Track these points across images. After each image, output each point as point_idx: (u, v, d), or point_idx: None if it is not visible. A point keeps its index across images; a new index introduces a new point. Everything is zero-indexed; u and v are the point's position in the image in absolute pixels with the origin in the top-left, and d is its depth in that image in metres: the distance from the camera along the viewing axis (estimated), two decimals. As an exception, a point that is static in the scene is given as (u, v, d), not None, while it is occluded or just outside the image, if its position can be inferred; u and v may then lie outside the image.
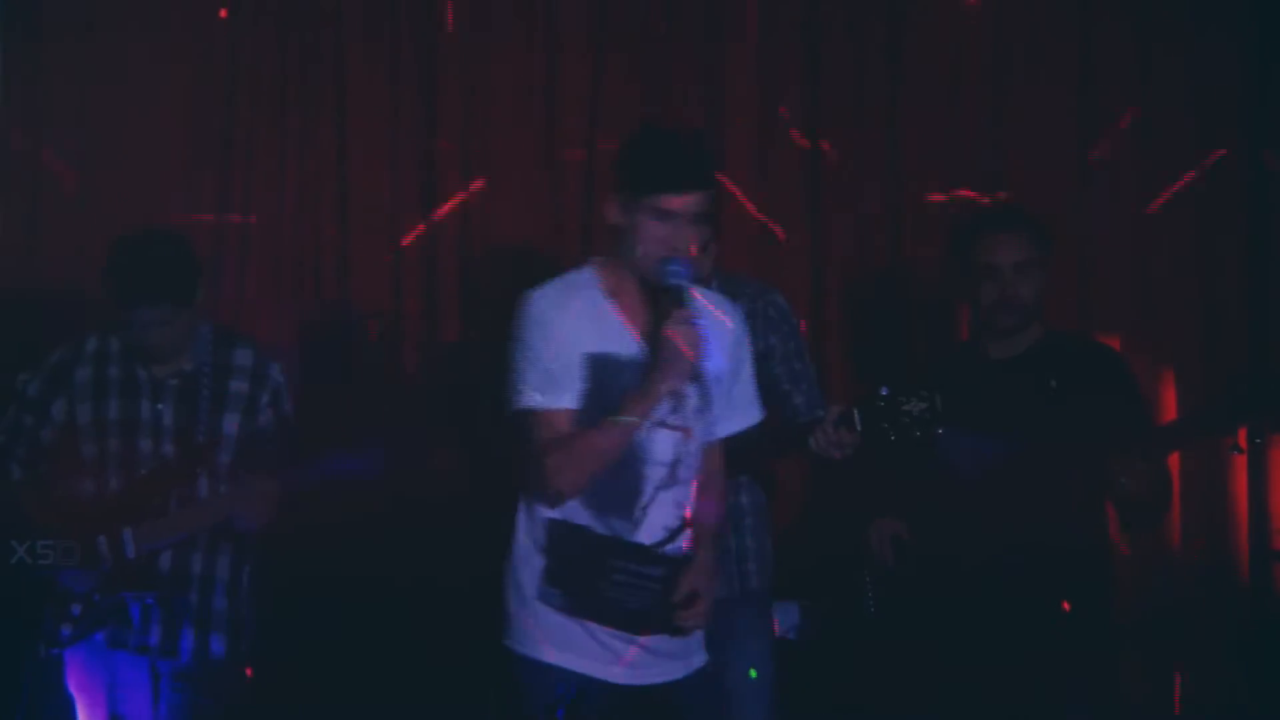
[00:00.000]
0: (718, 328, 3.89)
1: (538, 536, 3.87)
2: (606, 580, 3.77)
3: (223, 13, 5.77)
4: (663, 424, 3.76)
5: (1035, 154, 5.44)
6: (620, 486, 3.79)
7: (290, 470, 4.54)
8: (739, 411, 3.97)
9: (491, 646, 3.98)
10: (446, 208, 5.72)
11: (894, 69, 5.53)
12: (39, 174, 5.71)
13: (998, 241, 4.61)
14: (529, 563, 3.86)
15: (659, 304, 3.77)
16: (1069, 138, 5.44)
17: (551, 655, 3.82)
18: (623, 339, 3.81)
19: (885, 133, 5.53)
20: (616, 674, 3.80)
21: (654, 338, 3.74)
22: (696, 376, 3.69)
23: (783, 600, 4.92)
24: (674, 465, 3.79)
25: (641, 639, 3.79)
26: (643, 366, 3.77)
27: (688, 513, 3.84)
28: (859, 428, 4.21)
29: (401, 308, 5.70)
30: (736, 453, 4.15)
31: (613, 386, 3.77)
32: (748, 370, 4.00)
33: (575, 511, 3.83)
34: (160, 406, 4.57)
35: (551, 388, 3.82)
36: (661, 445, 3.77)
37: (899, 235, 5.51)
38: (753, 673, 4.48)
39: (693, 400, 3.78)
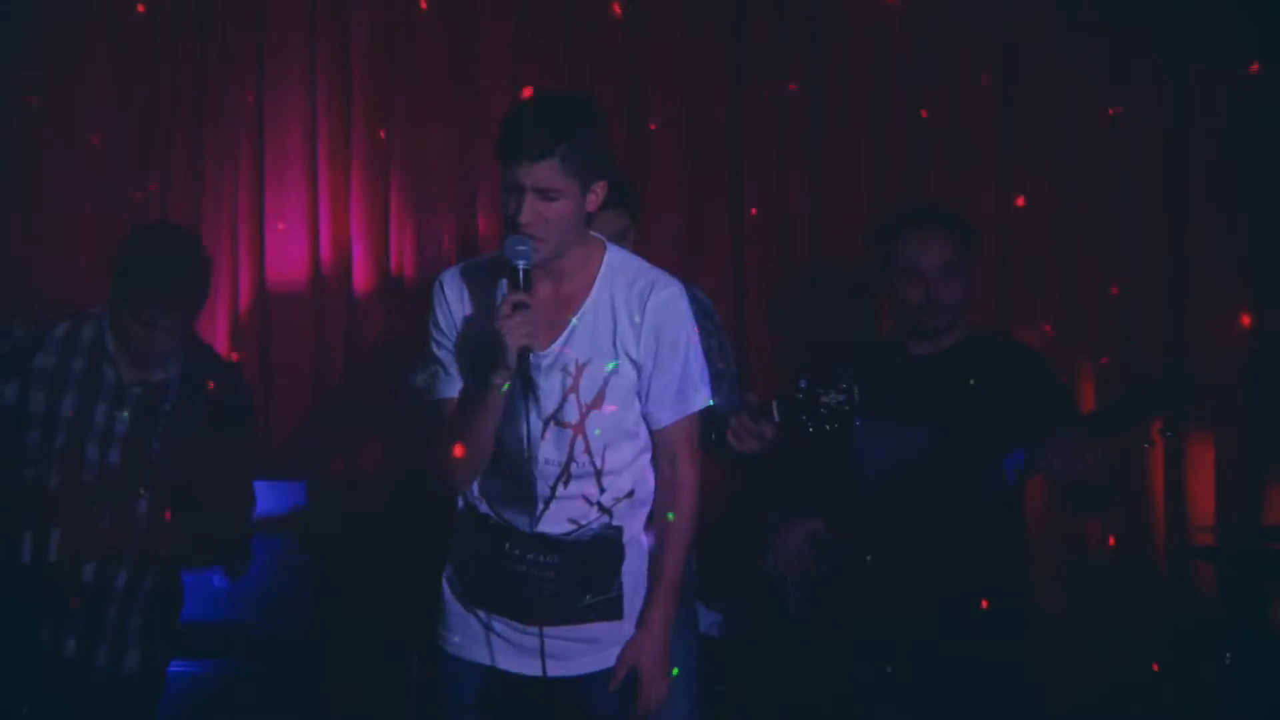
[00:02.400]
0: (605, 321, 3.82)
1: (454, 527, 3.91)
2: (501, 568, 3.81)
3: (140, 8, 5.74)
4: (553, 420, 3.75)
5: (956, 152, 5.50)
6: (516, 486, 3.80)
7: (217, 522, 4.53)
8: (672, 399, 3.87)
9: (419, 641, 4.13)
10: (361, 197, 5.74)
11: (816, 68, 5.56)
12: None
13: (922, 242, 4.65)
14: (449, 556, 3.91)
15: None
16: (990, 136, 5.50)
17: (453, 647, 3.88)
18: None
19: (808, 131, 5.56)
20: (514, 665, 3.83)
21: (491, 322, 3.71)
22: (522, 365, 3.63)
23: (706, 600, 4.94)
24: (567, 462, 3.77)
25: (532, 629, 3.79)
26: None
27: (604, 500, 3.82)
28: (777, 419, 4.31)
29: (323, 302, 5.75)
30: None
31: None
32: (674, 359, 3.88)
33: (479, 501, 3.86)
34: (117, 413, 4.50)
35: (448, 377, 3.84)
36: (550, 444, 3.76)
37: (819, 232, 5.55)
38: (675, 671, 4.34)
39: (581, 395, 3.76)
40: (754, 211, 5.62)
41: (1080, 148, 5.45)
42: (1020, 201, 5.43)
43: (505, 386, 3.65)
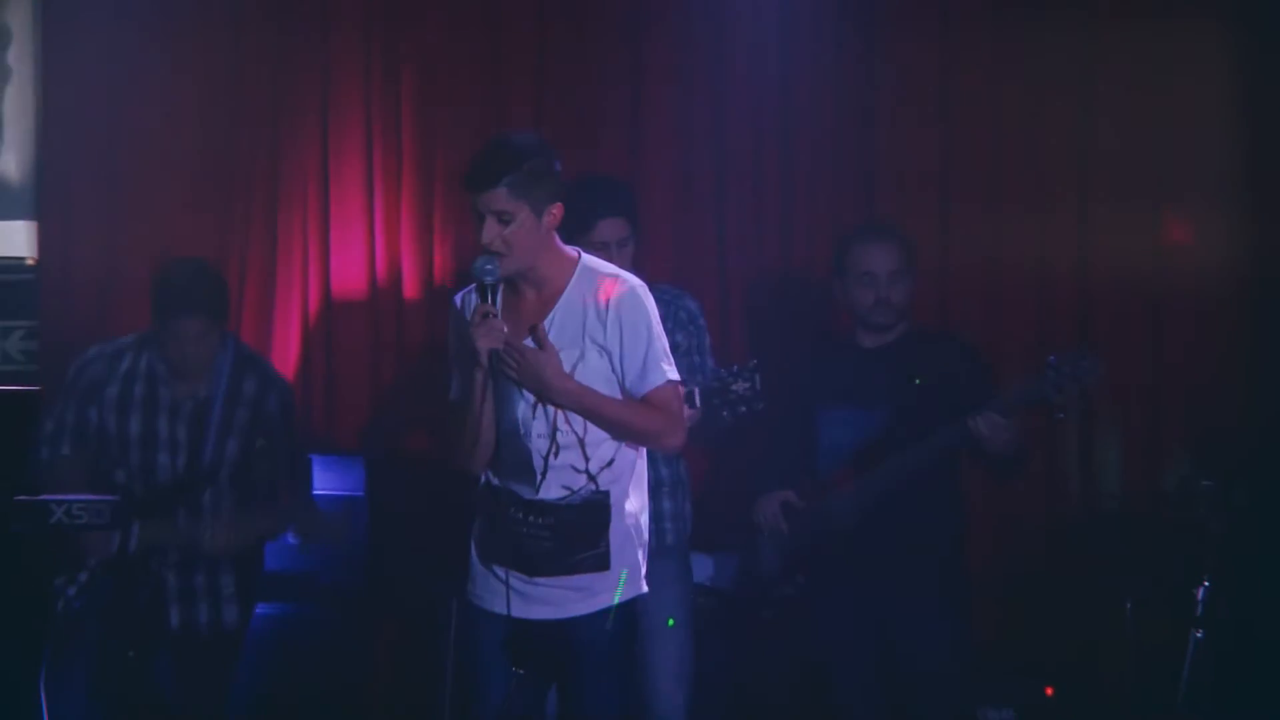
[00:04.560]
0: (576, 318, 3.97)
1: (476, 500, 4.13)
2: (507, 529, 3.99)
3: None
4: (538, 401, 3.93)
5: (902, 174, 5.78)
6: (517, 459, 3.98)
7: (258, 520, 4.88)
8: (638, 375, 4.00)
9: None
10: (406, 226, 5.98)
11: (786, 99, 5.83)
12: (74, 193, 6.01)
13: (874, 252, 4.93)
14: (473, 523, 4.14)
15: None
16: (931, 160, 5.79)
17: (475, 598, 4.10)
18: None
19: (780, 153, 5.83)
20: (522, 611, 3.99)
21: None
22: (492, 364, 3.84)
23: (698, 553, 5.14)
24: (553, 434, 3.95)
25: (538, 580, 3.98)
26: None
27: (590, 469, 3.99)
28: (698, 405, 4.53)
29: (379, 315, 5.96)
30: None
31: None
32: (637, 342, 3.99)
33: (492, 477, 4.05)
34: (176, 425, 4.83)
35: (458, 380, 4.05)
36: (539, 421, 3.94)
37: (791, 243, 5.83)
38: (670, 621, 4.75)
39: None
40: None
41: (1006, 160, 5.73)
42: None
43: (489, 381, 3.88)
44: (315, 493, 5.33)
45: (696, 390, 4.54)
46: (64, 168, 6.05)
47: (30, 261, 6.12)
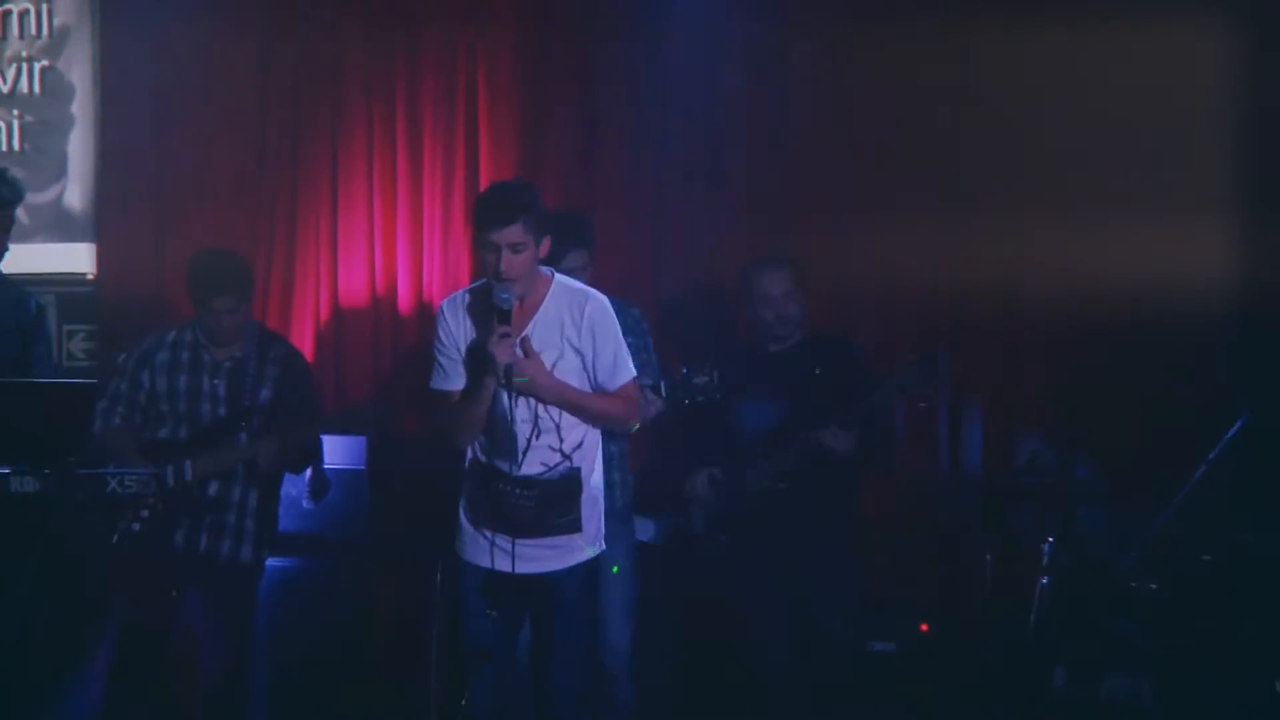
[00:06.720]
0: (554, 325, 4.34)
1: (464, 473, 4.52)
2: (494, 499, 4.35)
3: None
4: (520, 393, 4.31)
5: (808, 192, 6.22)
6: (504, 439, 4.35)
7: (298, 431, 5.25)
8: (609, 373, 4.42)
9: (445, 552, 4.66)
10: (405, 239, 6.45)
11: (712, 126, 6.25)
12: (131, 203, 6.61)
13: (769, 278, 5.39)
14: (461, 492, 4.54)
15: (495, 317, 4.24)
16: (828, 177, 6.20)
17: (465, 553, 4.52)
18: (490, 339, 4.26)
19: (709, 179, 6.30)
20: (504, 565, 4.39)
21: (485, 345, 4.24)
22: (508, 375, 4.19)
23: (641, 516, 5.59)
24: (535, 421, 4.32)
25: (521, 540, 4.38)
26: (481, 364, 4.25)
27: (564, 449, 4.39)
28: (664, 395, 4.97)
29: (379, 320, 6.50)
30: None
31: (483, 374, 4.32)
32: (607, 346, 4.37)
33: (480, 455, 4.44)
34: (216, 381, 5.26)
35: (444, 375, 4.44)
36: (521, 411, 4.32)
37: (717, 258, 6.22)
38: (615, 569, 5.19)
39: (545, 375, 4.32)
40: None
41: (888, 176, 6.07)
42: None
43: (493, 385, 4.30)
44: (324, 466, 5.70)
45: (663, 383, 4.95)
46: (118, 199, 6.70)
47: (90, 277, 6.86)
